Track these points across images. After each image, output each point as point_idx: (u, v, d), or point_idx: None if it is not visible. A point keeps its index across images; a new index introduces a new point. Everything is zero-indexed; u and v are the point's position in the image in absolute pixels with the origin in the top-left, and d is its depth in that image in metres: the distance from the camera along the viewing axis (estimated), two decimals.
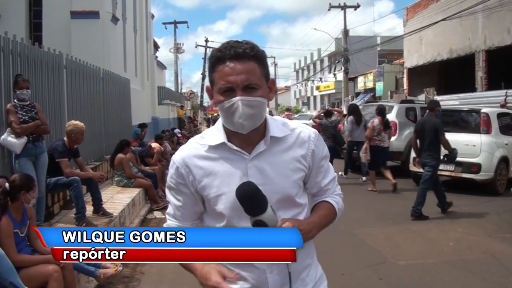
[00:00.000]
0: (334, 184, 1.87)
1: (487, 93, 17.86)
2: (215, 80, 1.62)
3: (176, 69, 41.06)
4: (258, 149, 1.67)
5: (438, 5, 23.63)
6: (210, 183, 1.68)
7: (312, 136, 1.76)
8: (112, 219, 6.38)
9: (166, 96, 25.26)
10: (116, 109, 12.07)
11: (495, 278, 5.10)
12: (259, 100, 1.60)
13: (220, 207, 1.67)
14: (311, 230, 1.66)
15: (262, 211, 1.51)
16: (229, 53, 1.58)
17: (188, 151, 1.74)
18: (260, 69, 1.62)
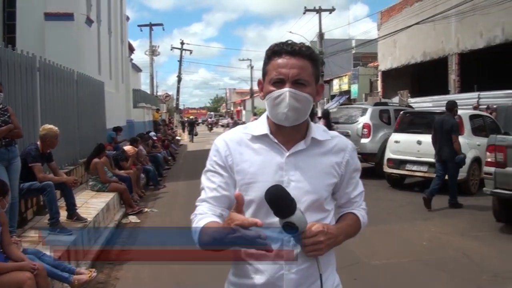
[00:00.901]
0: (361, 198, 1.90)
1: (460, 96, 18.18)
2: (268, 71, 1.69)
3: (151, 71, 40.79)
4: (297, 147, 1.72)
5: (411, 9, 24.03)
6: (246, 169, 1.71)
7: (349, 147, 1.82)
8: (86, 224, 6.29)
9: (141, 99, 25.03)
10: (90, 113, 11.92)
11: (467, 276, 5.20)
12: (306, 96, 1.66)
13: (251, 195, 1.69)
14: (339, 235, 1.70)
15: (291, 213, 1.51)
16: (286, 48, 1.66)
17: (231, 135, 1.79)
18: (312, 69, 1.68)
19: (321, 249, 1.60)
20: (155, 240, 6.90)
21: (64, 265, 4.60)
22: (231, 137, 1.78)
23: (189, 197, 10.41)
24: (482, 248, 6.27)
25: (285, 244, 1.66)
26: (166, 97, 46.59)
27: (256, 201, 1.68)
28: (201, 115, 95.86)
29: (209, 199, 1.75)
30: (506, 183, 6.88)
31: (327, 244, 1.62)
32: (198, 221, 1.67)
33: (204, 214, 1.69)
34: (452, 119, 8.70)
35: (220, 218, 1.68)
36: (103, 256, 6.16)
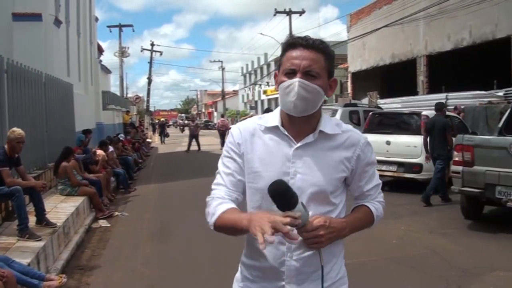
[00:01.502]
0: (377, 191, 1.91)
1: (428, 97, 18.57)
2: (283, 62, 1.74)
3: (121, 73, 40.40)
4: (306, 140, 1.75)
5: (380, 12, 24.42)
6: (255, 158, 1.77)
7: (362, 141, 1.82)
8: (56, 229, 6.17)
9: (111, 101, 24.68)
10: (59, 115, 11.70)
11: (437, 272, 5.31)
12: (315, 87, 1.68)
13: (259, 184, 1.75)
14: (344, 228, 1.72)
15: (293, 206, 1.55)
16: (301, 41, 1.71)
17: (246, 125, 1.85)
18: (325, 63, 1.72)
19: (321, 242, 1.63)
20: (126, 245, 6.84)
21: (34, 272, 4.51)
22: (245, 127, 1.84)
23: (160, 200, 10.37)
24: (451, 244, 6.42)
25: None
26: (136, 99, 46.14)
27: (263, 190, 1.71)
28: (172, 117, 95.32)
29: (226, 183, 1.82)
30: (473, 181, 7.06)
31: (328, 238, 1.64)
32: (217, 206, 1.76)
33: (222, 199, 1.78)
34: (443, 118, 9.27)
35: (235, 202, 1.80)
36: (73, 261, 6.07)
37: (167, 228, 7.73)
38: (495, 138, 7.32)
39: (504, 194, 6.67)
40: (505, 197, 6.65)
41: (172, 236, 7.20)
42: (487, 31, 17.92)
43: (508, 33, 16.94)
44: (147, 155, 21.33)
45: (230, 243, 6.38)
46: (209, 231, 1.70)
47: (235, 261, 1.58)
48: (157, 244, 6.82)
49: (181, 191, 11.51)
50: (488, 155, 6.98)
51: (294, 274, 1.73)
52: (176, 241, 6.95)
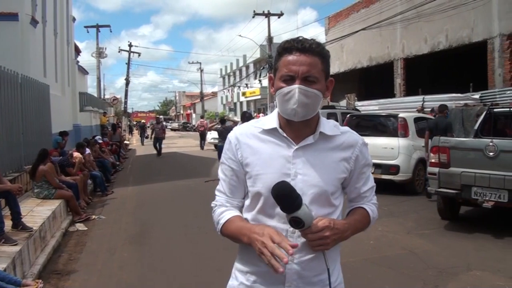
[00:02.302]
0: (372, 192, 1.93)
1: (405, 99, 18.82)
2: (279, 67, 1.72)
3: (98, 74, 39.82)
4: (306, 141, 1.75)
5: (358, 15, 24.67)
6: (255, 161, 1.77)
7: (360, 142, 1.84)
8: (32, 233, 6.06)
9: (88, 103, 24.38)
10: (35, 117, 11.52)
11: (414, 272, 5.38)
12: (315, 92, 1.68)
13: (259, 186, 1.75)
14: (346, 230, 1.73)
15: (297, 208, 1.55)
16: (296, 45, 1.69)
17: (242, 129, 1.86)
18: (322, 65, 1.72)
19: (327, 244, 1.64)
20: (103, 248, 6.76)
21: (10, 277, 4.42)
22: (242, 131, 1.84)
23: (138, 203, 10.28)
24: (428, 245, 6.50)
25: (289, 235, 1.70)
26: (114, 101, 45.71)
27: (263, 193, 1.73)
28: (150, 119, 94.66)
29: (226, 191, 1.86)
30: (449, 182, 7.16)
31: (333, 239, 1.65)
32: (220, 214, 1.82)
33: (224, 207, 1.84)
34: (445, 119, 9.70)
35: (238, 208, 1.85)
36: (50, 266, 5.98)
37: (144, 231, 7.66)
38: (471, 140, 7.45)
39: (480, 195, 6.79)
40: (481, 197, 6.77)
41: (150, 239, 7.14)
42: (464, 35, 18.25)
43: (484, 37, 17.28)
44: (125, 157, 21.12)
45: (209, 246, 6.38)
46: (188, 234, 1.70)
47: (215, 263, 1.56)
48: (135, 247, 6.75)
49: (159, 193, 11.44)
50: (464, 157, 7.10)
51: (295, 277, 1.73)
52: (154, 244, 6.89)
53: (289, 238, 1.68)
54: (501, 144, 6.71)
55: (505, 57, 16.58)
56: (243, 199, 1.86)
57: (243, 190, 1.85)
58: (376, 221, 1.95)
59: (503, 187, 6.56)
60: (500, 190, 6.60)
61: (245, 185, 1.83)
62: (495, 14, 16.80)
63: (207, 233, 6.79)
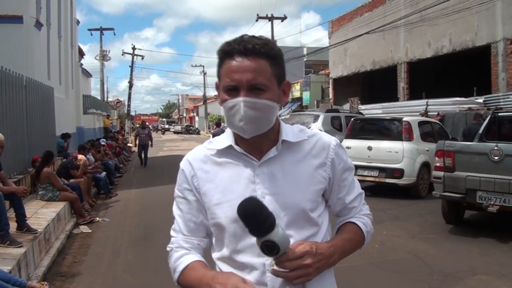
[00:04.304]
0: (360, 201, 1.63)
1: (409, 103, 18.84)
2: (221, 76, 1.44)
3: (102, 77, 40.02)
4: (268, 155, 1.48)
5: (361, 19, 24.69)
6: (214, 188, 1.50)
7: (333, 143, 1.55)
8: (36, 235, 6.07)
9: (92, 105, 24.46)
10: (40, 119, 11.56)
11: (419, 277, 5.36)
12: (265, 103, 1.40)
13: (221, 217, 1.47)
14: (332, 255, 1.44)
15: (270, 229, 1.27)
16: (238, 48, 1.40)
17: (194, 154, 1.58)
18: (272, 69, 1.42)
19: (309, 274, 1.36)
20: (108, 250, 6.76)
21: (15, 279, 4.43)
22: (194, 156, 1.57)
23: (142, 205, 10.28)
24: (432, 249, 6.49)
25: (267, 270, 1.42)
26: (117, 103, 45.89)
27: (226, 225, 1.47)
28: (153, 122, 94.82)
29: (182, 229, 1.58)
30: (454, 186, 7.15)
31: (316, 268, 1.37)
32: (178, 259, 1.54)
33: (183, 250, 1.56)
34: (478, 127, 9.69)
35: (197, 249, 1.57)
36: (54, 268, 5.99)
37: (148, 233, 7.67)
38: (476, 144, 7.43)
39: (484, 199, 6.78)
40: (486, 202, 6.76)
41: (154, 242, 7.13)
42: (467, 39, 18.24)
43: (488, 41, 17.27)
44: (128, 160, 21.13)
45: None
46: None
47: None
48: (139, 250, 6.75)
49: (162, 196, 11.42)
50: (469, 161, 7.09)
51: None
52: (158, 246, 6.87)
53: (268, 274, 1.41)
54: (506, 148, 6.70)
55: (509, 61, 16.57)
56: (204, 238, 1.57)
57: (204, 227, 1.55)
58: (371, 236, 1.65)
59: (508, 191, 6.54)
60: (505, 195, 6.58)
61: (206, 220, 1.54)
62: (498, 18, 16.80)
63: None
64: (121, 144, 21.87)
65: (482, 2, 16.82)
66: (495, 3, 16.62)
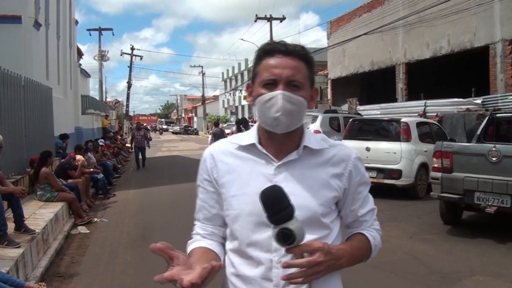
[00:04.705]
0: (372, 216, 1.67)
1: (407, 103, 18.86)
2: (259, 72, 1.52)
3: (100, 77, 39.98)
4: (289, 157, 1.54)
5: (360, 19, 24.71)
6: (232, 181, 1.56)
7: (353, 156, 1.59)
8: (34, 236, 6.06)
9: (90, 105, 24.42)
10: (38, 119, 11.55)
11: (417, 277, 5.37)
12: (299, 99, 1.48)
13: (236, 209, 1.54)
14: (341, 257, 1.45)
15: (289, 218, 1.30)
16: (279, 48, 1.50)
17: (217, 146, 1.66)
18: (307, 71, 1.52)
19: (319, 272, 1.37)
20: (106, 251, 6.76)
21: (13, 280, 4.42)
22: (217, 148, 1.64)
23: (139, 206, 10.28)
24: (430, 250, 6.50)
25: (274, 266, 1.47)
26: (116, 104, 45.88)
27: (241, 217, 1.52)
28: (151, 122, 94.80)
29: (201, 218, 1.67)
30: (452, 187, 7.16)
31: (326, 266, 1.39)
32: (188, 246, 1.60)
33: (195, 237, 1.64)
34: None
35: (211, 236, 1.63)
36: (52, 269, 5.98)
37: (146, 234, 7.66)
38: (474, 145, 7.45)
39: (482, 200, 6.78)
40: (484, 202, 6.77)
41: (152, 242, 7.08)
42: (465, 40, 18.28)
43: (486, 42, 17.31)
44: (126, 161, 21.12)
45: None
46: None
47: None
48: (137, 250, 6.74)
49: (160, 196, 11.44)
50: (467, 162, 7.10)
51: None
52: None
53: (274, 270, 1.46)
54: (504, 149, 6.71)
55: (507, 62, 16.60)
56: (220, 227, 1.64)
57: (219, 217, 1.62)
58: (378, 251, 1.66)
59: (506, 192, 6.55)
60: (503, 195, 6.59)
61: (221, 210, 1.61)
62: (497, 19, 16.83)
63: None
64: (120, 145, 21.83)
65: (481, 3, 16.86)
66: (494, 4, 16.66)
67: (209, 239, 1.62)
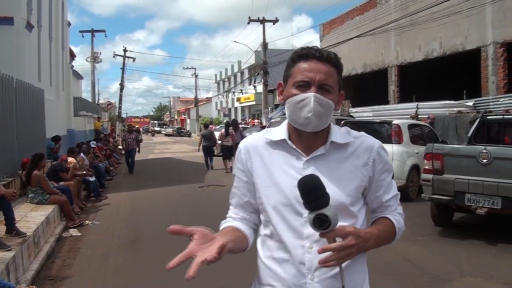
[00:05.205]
0: (396, 201, 1.78)
1: (399, 106, 18.94)
2: (293, 74, 1.64)
3: (93, 79, 39.81)
4: (317, 152, 1.66)
5: (353, 22, 24.82)
6: (264, 172, 1.70)
7: (376, 146, 1.71)
8: (25, 239, 6.03)
9: (83, 107, 24.33)
10: (30, 121, 11.48)
11: (408, 279, 5.40)
12: (329, 103, 1.61)
13: (268, 199, 1.68)
14: (369, 240, 1.56)
15: (325, 204, 1.41)
16: (313, 53, 1.63)
17: (252, 139, 1.79)
18: (337, 77, 1.65)
19: (351, 254, 1.48)
20: (97, 254, 6.73)
21: (4, 283, 4.41)
22: (252, 141, 1.78)
23: (132, 208, 10.25)
24: (422, 251, 6.53)
25: (306, 251, 1.60)
26: (108, 105, 45.61)
27: (270, 206, 1.67)
28: (144, 124, 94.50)
29: (233, 203, 1.82)
30: (443, 189, 7.20)
31: (358, 248, 1.49)
32: (222, 224, 1.77)
33: (228, 218, 1.79)
34: None
35: (242, 221, 1.77)
36: (43, 272, 5.95)
37: (138, 236, 7.65)
38: (465, 147, 7.49)
39: (473, 202, 6.83)
40: (474, 204, 6.81)
41: (144, 245, 7.12)
42: (457, 43, 18.40)
43: (478, 45, 17.43)
44: (119, 163, 21.04)
45: None
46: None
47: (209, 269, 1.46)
48: (129, 253, 6.73)
49: (152, 199, 11.42)
50: (457, 164, 7.14)
51: None
52: (148, 250, 6.88)
53: (306, 255, 1.60)
54: (494, 151, 6.76)
55: (498, 65, 16.73)
56: (252, 213, 1.78)
57: (250, 204, 1.77)
58: (401, 234, 1.77)
59: (497, 193, 6.60)
60: (494, 197, 6.64)
61: (254, 199, 1.75)
62: (488, 22, 16.96)
63: None
64: (112, 147, 21.75)
65: (472, 6, 16.98)
66: (485, 7, 16.78)
67: (240, 222, 1.77)
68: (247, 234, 1.73)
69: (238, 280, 4.52)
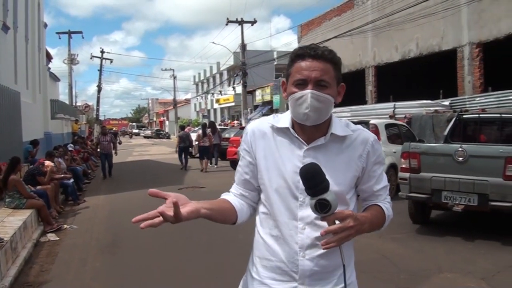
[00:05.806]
0: (385, 191, 1.92)
1: (377, 106, 19.11)
2: (292, 73, 1.76)
3: (70, 81, 39.23)
4: (317, 142, 1.77)
5: (330, 23, 24.98)
6: (267, 155, 1.81)
7: (371, 139, 1.83)
8: (2, 244, 5.91)
9: (60, 110, 24.00)
10: (6, 125, 11.30)
11: (386, 276, 5.46)
12: (326, 97, 1.71)
13: (268, 181, 1.80)
14: (364, 223, 1.68)
15: (326, 190, 1.52)
16: (309, 52, 1.73)
17: (259, 123, 1.90)
18: (334, 72, 1.75)
19: (351, 235, 1.60)
20: (75, 258, 6.65)
21: None
22: (258, 125, 1.88)
23: (110, 212, 10.15)
24: (400, 249, 6.61)
25: (299, 231, 1.74)
26: (86, 108, 45.15)
27: (270, 188, 1.79)
28: (122, 126, 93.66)
29: (235, 180, 1.95)
30: (420, 187, 7.31)
31: (356, 230, 1.61)
32: (221, 196, 1.90)
33: (228, 192, 1.93)
34: None
35: (240, 197, 1.90)
36: (21, 278, 5.84)
37: (117, 240, 7.57)
38: (441, 146, 7.61)
39: (450, 199, 6.94)
40: (451, 201, 6.93)
41: (122, 248, 7.05)
42: (434, 43, 18.65)
43: (454, 46, 17.70)
44: (97, 166, 20.78)
45: (182, 254, 6.34)
46: (161, 243, 1.65)
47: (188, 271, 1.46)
48: (107, 257, 6.66)
49: (131, 201, 11.30)
50: (434, 162, 7.25)
51: (308, 274, 1.75)
52: (127, 253, 6.81)
53: (299, 235, 1.74)
54: (470, 149, 6.88)
55: (474, 65, 17.01)
56: (251, 191, 1.90)
57: (250, 183, 1.89)
58: (390, 221, 1.93)
59: (473, 191, 6.72)
60: (470, 194, 6.76)
61: (256, 180, 1.87)
62: (464, 23, 17.24)
63: (180, 241, 6.79)
64: (90, 150, 21.51)
65: (448, 8, 17.24)
66: (461, 9, 17.05)
67: (238, 197, 1.89)
68: (238, 209, 1.84)
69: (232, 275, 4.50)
